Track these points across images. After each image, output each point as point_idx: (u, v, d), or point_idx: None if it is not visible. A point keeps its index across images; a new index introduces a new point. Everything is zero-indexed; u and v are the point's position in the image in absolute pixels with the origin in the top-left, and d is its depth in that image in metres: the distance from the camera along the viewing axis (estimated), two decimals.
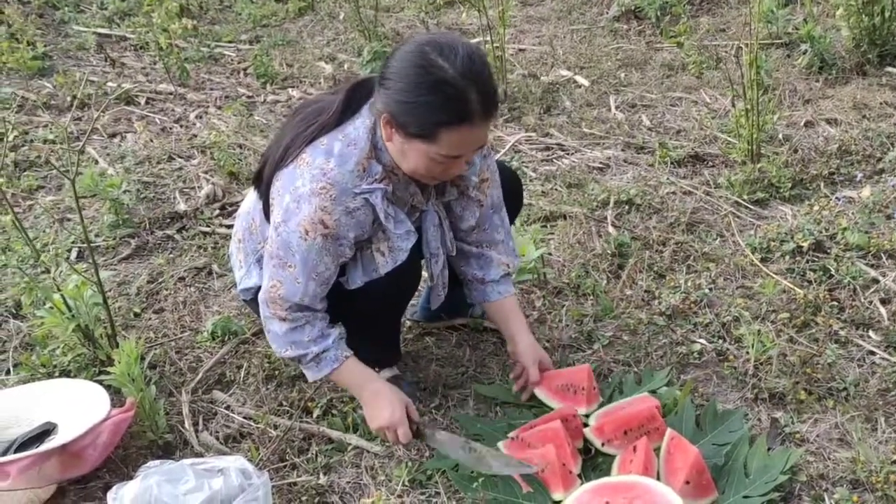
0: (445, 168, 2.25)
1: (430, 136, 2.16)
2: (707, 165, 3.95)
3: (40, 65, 5.12)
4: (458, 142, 2.18)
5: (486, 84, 2.17)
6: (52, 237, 3.52)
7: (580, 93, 4.72)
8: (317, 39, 5.61)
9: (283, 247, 2.27)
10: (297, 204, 2.23)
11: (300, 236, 2.24)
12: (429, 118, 2.14)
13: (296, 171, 2.26)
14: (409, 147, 2.21)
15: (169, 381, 2.81)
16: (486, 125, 2.20)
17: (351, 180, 2.23)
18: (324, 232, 2.24)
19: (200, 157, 4.18)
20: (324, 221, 2.23)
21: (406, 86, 2.15)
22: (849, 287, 3.05)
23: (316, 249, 2.26)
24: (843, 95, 4.43)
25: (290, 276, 2.29)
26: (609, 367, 2.78)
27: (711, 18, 5.47)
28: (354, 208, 2.25)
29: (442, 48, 2.14)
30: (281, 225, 2.26)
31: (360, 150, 2.25)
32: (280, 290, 2.31)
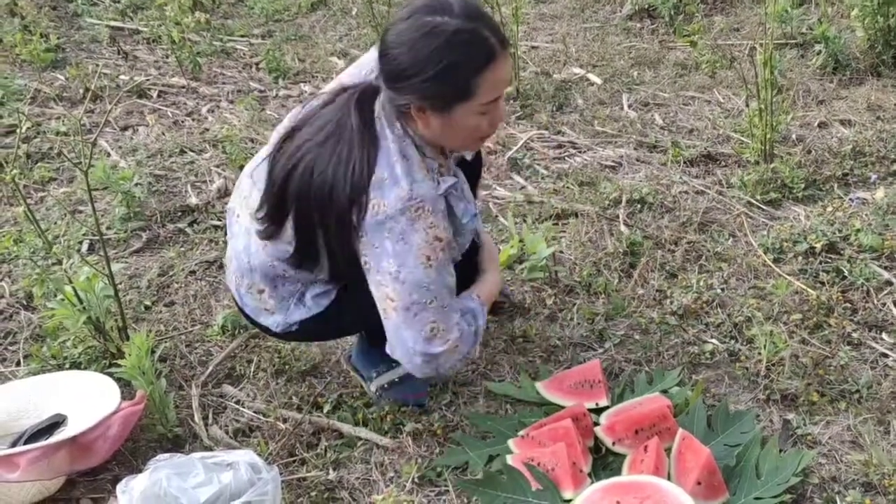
0: (490, 119, 2.24)
1: (469, 92, 2.15)
2: (720, 165, 3.94)
3: (53, 57, 5.12)
4: (493, 82, 2.16)
5: (490, 18, 2.20)
6: (63, 229, 3.52)
7: (593, 91, 4.70)
8: (329, 34, 5.60)
9: (414, 290, 2.22)
10: (405, 242, 2.18)
11: (425, 266, 2.20)
12: (461, 75, 2.13)
13: (377, 220, 2.18)
14: (451, 119, 2.19)
15: (179, 375, 2.81)
16: (507, 57, 2.19)
17: (430, 187, 2.21)
18: (442, 246, 2.23)
19: (212, 151, 4.17)
20: (438, 237, 2.21)
21: (423, 61, 2.11)
22: (862, 289, 3.03)
23: (442, 266, 2.24)
24: (858, 96, 4.41)
25: (436, 309, 2.25)
26: (620, 367, 2.77)
27: (725, 18, 5.44)
28: (444, 209, 2.25)
29: (432, 7, 2.13)
30: (400, 271, 2.20)
31: (412, 158, 2.22)
32: (440, 326, 2.26)
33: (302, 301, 2.46)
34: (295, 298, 2.47)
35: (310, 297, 2.45)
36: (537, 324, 2.97)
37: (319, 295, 2.44)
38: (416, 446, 2.49)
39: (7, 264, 3.37)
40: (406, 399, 2.62)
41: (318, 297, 2.44)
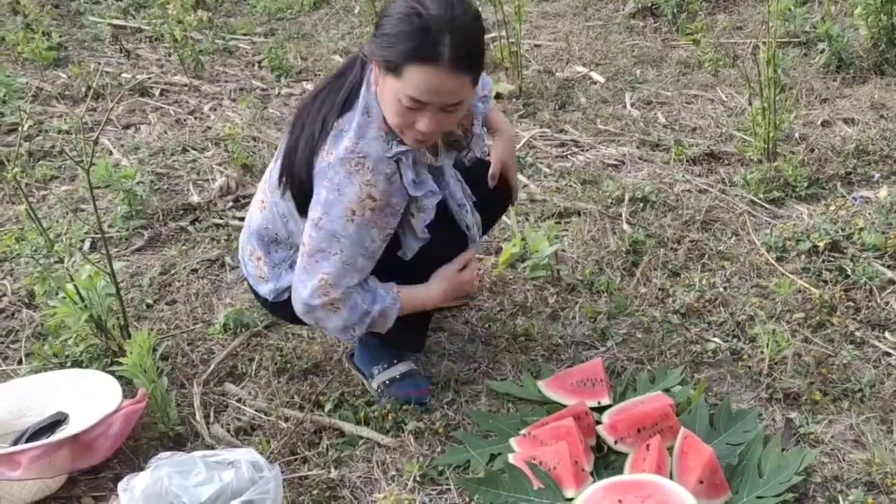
0: (414, 117, 2.19)
1: (397, 70, 2.13)
2: (723, 164, 3.93)
3: (55, 55, 5.12)
4: (422, 82, 2.12)
5: (465, 36, 2.13)
6: (65, 227, 3.52)
7: (595, 89, 4.70)
8: (332, 33, 5.60)
9: (325, 239, 2.27)
10: (338, 192, 2.24)
11: (347, 219, 2.24)
12: (398, 47, 2.12)
13: (324, 166, 2.26)
14: (385, 86, 2.19)
15: (181, 373, 2.81)
16: (456, 78, 2.13)
17: (380, 146, 2.25)
18: (372, 206, 2.24)
19: (214, 150, 4.17)
20: (371, 195, 2.23)
21: (387, 19, 2.17)
22: (865, 287, 3.02)
23: (364, 226, 2.26)
24: (861, 95, 4.40)
25: (336, 261, 2.29)
26: (623, 365, 2.77)
27: (728, 16, 5.43)
28: (391, 173, 2.26)
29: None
30: (322, 218, 2.26)
31: (374, 116, 2.27)
32: (330, 279, 2.30)
33: (293, 268, 2.47)
34: (286, 265, 2.51)
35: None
36: (539, 322, 2.96)
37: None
38: (418, 445, 2.48)
39: (9, 262, 3.36)
40: (408, 396, 2.62)
41: None
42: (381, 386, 2.64)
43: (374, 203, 2.23)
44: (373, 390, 2.66)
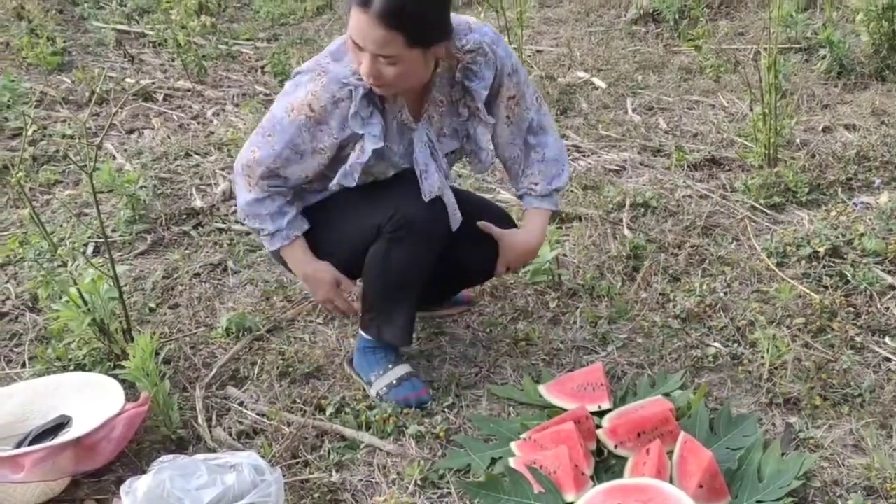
0: (360, 58, 2.32)
1: (348, 12, 2.30)
2: (724, 169, 3.94)
3: (59, 60, 5.15)
4: (355, 26, 2.28)
5: None
6: (69, 231, 3.53)
7: (597, 95, 4.71)
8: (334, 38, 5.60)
9: (270, 119, 2.50)
10: (294, 87, 2.45)
11: (286, 111, 2.45)
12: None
13: (300, 72, 2.48)
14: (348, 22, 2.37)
15: (183, 377, 2.82)
16: (381, 29, 2.24)
17: (342, 71, 2.39)
18: (308, 114, 2.42)
19: (217, 154, 4.19)
20: (310, 105, 2.41)
21: None
22: (865, 293, 3.03)
23: (297, 125, 2.44)
24: (862, 101, 4.42)
25: (268, 142, 2.49)
26: (623, 370, 2.78)
27: (730, 22, 5.45)
28: (340, 98, 2.40)
29: None
30: (275, 103, 2.51)
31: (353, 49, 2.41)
32: (257, 153, 2.51)
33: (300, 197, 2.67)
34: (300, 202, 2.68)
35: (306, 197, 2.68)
36: (540, 327, 2.97)
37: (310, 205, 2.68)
38: (419, 449, 2.49)
39: (12, 266, 3.38)
40: (408, 400, 2.63)
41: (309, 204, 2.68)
42: (379, 392, 2.65)
43: (311, 113, 2.41)
44: (373, 396, 2.67)
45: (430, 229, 2.54)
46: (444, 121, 2.59)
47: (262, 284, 3.24)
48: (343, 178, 2.51)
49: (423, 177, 2.53)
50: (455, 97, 2.56)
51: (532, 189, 2.73)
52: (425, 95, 2.53)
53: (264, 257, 3.40)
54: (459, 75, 2.51)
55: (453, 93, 2.56)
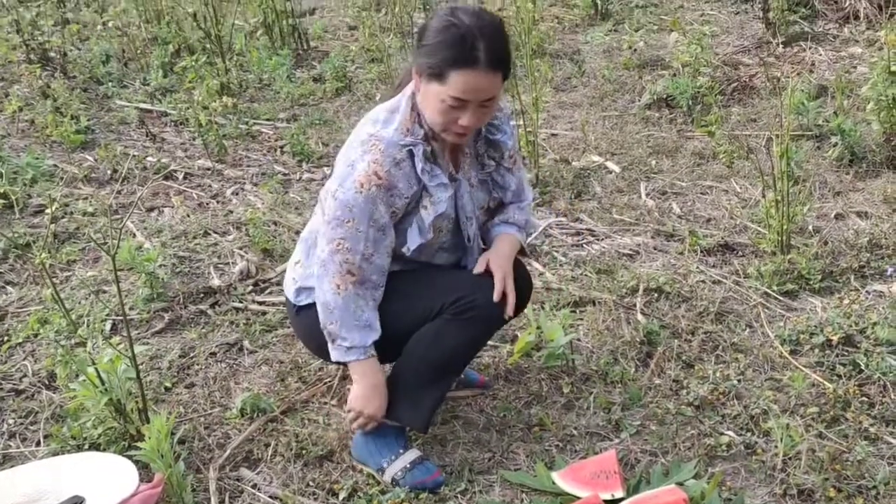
0: (456, 115, 2.45)
1: (442, 76, 2.41)
2: (737, 255, 3.97)
3: (83, 138, 5.24)
4: (464, 84, 2.40)
5: (496, 40, 2.43)
6: (87, 309, 3.57)
7: (611, 179, 4.77)
8: (353, 119, 5.70)
9: (340, 207, 2.49)
10: (351, 167, 2.49)
11: (356, 191, 2.47)
12: (440, 56, 2.40)
13: (348, 146, 2.55)
14: (427, 90, 2.46)
15: (197, 457, 2.83)
16: (492, 77, 2.43)
17: (396, 136, 2.49)
18: (377, 182, 2.46)
19: (235, 233, 4.24)
20: (377, 173, 2.45)
21: (428, 32, 2.46)
22: (879, 383, 3.03)
23: (371, 198, 2.47)
24: (874, 189, 4.45)
25: (350, 228, 2.50)
26: (636, 457, 2.78)
27: (742, 109, 5.52)
28: (401, 159, 2.49)
29: (465, 9, 2.46)
30: (338, 190, 2.50)
31: (401, 114, 2.53)
32: (346, 244, 2.51)
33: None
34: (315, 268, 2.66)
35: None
36: (554, 412, 2.98)
37: None
38: None
39: (31, 343, 3.41)
40: (424, 483, 2.63)
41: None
42: (395, 477, 2.66)
43: (379, 181, 2.45)
44: (386, 483, 2.67)
45: (492, 315, 2.63)
46: (471, 173, 2.70)
47: (278, 365, 3.26)
48: (420, 235, 2.58)
49: (469, 223, 2.67)
50: (480, 150, 2.70)
51: (507, 221, 2.81)
52: (461, 148, 2.65)
53: (280, 337, 3.43)
54: (484, 129, 2.67)
55: (478, 146, 2.70)
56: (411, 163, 2.50)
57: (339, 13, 7.57)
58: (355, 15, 7.26)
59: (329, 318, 2.56)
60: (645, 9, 7.15)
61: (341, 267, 2.52)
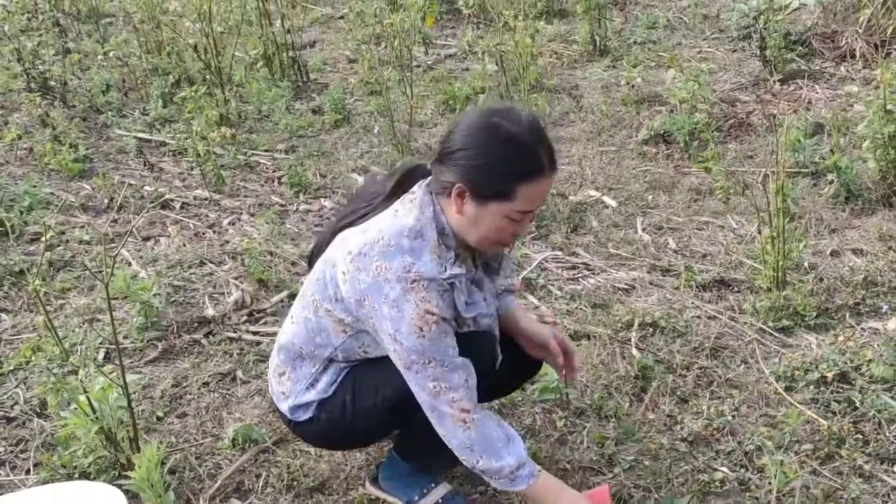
0: (516, 227, 2.33)
1: (508, 193, 2.26)
2: (732, 291, 3.97)
3: (81, 167, 5.25)
4: (534, 195, 2.29)
5: (549, 140, 2.32)
6: (80, 337, 3.56)
7: (607, 213, 4.77)
8: (351, 151, 5.72)
9: (412, 352, 2.30)
10: (398, 309, 2.27)
11: (418, 336, 2.28)
12: (506, 174, 2.26)
13: (378, 281, 2.29)
14: (484, 212, 2.29)
15: (187, 488, 2.81)
16: (551, 180, 2.33)
17: (434, 268, 2.30)
18: (435, 320, 2.28)
19: (231, 263, 4.24)
20: (429, 311, 2.27)
21: (477, 150, 2.28)
22: (874, 420, 3.02)
23: (436, 337, 2.29)
24: (870, 226, 4.46)
25: (436, 367, 2.31)
26: (629, 492, 2.76)
27: (739, 145, 5.54)
28: (444, 291, 2.31)
29: (503, 112, 2.31)
30: (396, 333, 2.29)
31: (428, 240, 2.32)
32: (441, 384, 2.32)
33: (314, 386, 2.53)
34: (307, 382, 2.54)
35: (323, 381, 2.52)
36: (547, 446, 2.96)
37: (333, 382, 2.52)
38: None
39: (23, 371, 3.40)
40: None
41: (330, 384, 2.52)
42: None
43: (433, 317, 2.27)
44: None
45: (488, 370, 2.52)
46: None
47: (271, 395, 3.24)
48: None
49: (495, 322, 2.56)
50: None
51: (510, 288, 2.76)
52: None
53: None
54: None
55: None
56: (452, 294, 2.34)
57: (338, 46, 7.59)
58: (355, 48, 7.29)
59: (472, 458, 2.37)
60: (643, 45, 7.18)
61: (452, 407, 2.33)
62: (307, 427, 2.57)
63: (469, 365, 2.36)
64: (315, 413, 2.53)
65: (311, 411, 2.54)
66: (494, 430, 2.37)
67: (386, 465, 2.74)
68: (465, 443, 2.35)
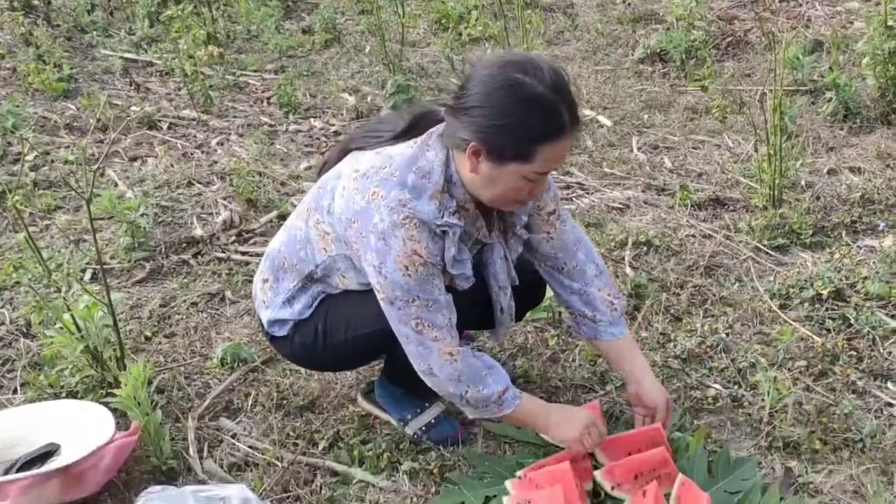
0: (533, 188, 2.23)
1: (528, 155, 2.14)
2: (728, 209, 3.92)
3: (65, 87, 5.16)
4: (554, 156, 2.17)
5: (571, 97, 2.17)
6: (66, 257, 3.52)
7: (602, 133, 4.71)
8: (341, 71, 5.63)
9: (397, 288, 2.22)
10: (385, 241, 2.19)
11: (403, 273, 2.20)
12: (527, 136, 2.13)
13: (370, 207, 2.20)
14: (501, 172, 2.18)
15: (176, 407, 2.79)
16: (573, 137, 2.20)
17: (431, 213, 2.20)
18: (421, 262, 2.20)
19: (219, 184, 4.18)
20: (417, 252, 2.19)
21: (495, 109, 2.13)
22: (868, 337, 3.00)
23: (423, 278, 2.22)
24: (867, 144, 4.40)
25: (420, 307, 2.24)
26: (621, 409, 2.74)
27: (736, 63, 5.45)
28: (437, 236, 2.23)
29: (524, 67, 2.13)
30: (381, 267, 2.21)
31: (433, 183, 2.22)
32: (424, 322, 2.25)
33: (290, 304, 2.48)
34: (285, 296, 2.49)
35: (300, 302, 2.47)
36: (539, 364, 2.94)
37: (309, 306, 2.47)
38: (412, 485, 2.46)
39: (9, 291, 3.36)
40: (445, 438, 2.61)
41: (307, 307, 2.47)
42: (417, 432, 2.62)
43: (419, 259, 2.19)
44: (409, 435, 2.63)
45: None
46: (507, 231, 2.47)
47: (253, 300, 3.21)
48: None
49: (503, 293, 2.47)
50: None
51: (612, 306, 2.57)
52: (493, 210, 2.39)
53: None
54: None
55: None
56: (443, 242, 2.24)
57: None
58: None
59: (460, 388, 2.31)
60: None
61: (438, 345, 2.27)
62: (282, 343, 2.54)
63: (451, 303, 2.30)
64: (290, 332, 2.49)
65: (286, 329, 2.50)
66: (475, 361, 2.33)
67: (379, 383, 2.71)
68: (452, 375, 2.29)
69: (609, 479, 2.37)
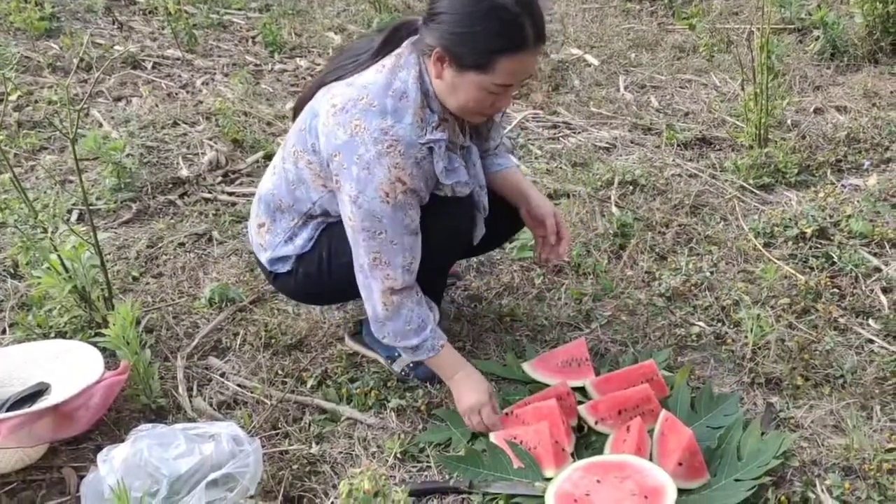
0: (495, 100, 2.25)
1: (486, 66, 2.16)
2: (714, 149, 3.93)
3: (47, 26, 5.09)
4: (513, 70, 2.17)
5: (538, 12, 2.18)
6: (52, 198, 3.50)
7: (589, 72, 4.69)
8: (327, 10, 5.57)
9: (367, 217, 2.25)
10: (368, 170, 2.21)
11: (381, 200, 2.22)
12: (485, 46, 2.14)
13: (354, 140, 2.22)
14: (462, 80, 2.20)
15: (165, 346, 2.81)
16: (536, 54, 2.21)
17: (413, 132, 2.22)
18: (403, 189, 2.22)
19: (205, 124, 4.16)
20: (400, 178, 2.21)
21: (459, 16, 2.15)
22: (850, 275, 3.03)
23: (400, 206, 2.24)
24: (854, 83, 4.40)
25: (384, 241, 2.28)
26: (606, 347, 2.77)
27: (724, 1, 5.42)
28: (421, 158, 2.24)
29: None
30: (359, 197, 2.23)
31: (412, 101, 2.24)
32: (382, 258, 2.30)
33: (292, 240, 2.50)
34: (286, 235, 2.51)
35: (301, 237, 2.49)
36: (525, 303, 2.96)
37: (311, 238, 2.49)
38: (400, 422, 2.49)
39: None
40: (432, 376, 2.62)
41: (308, 240, 2.49)
42: (405, 369, 2.65)
43: (403, 186, 2.21)
44: (396, 372, 2.66)
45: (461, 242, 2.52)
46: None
47: (247, 255, 3.22)
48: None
49: (482, 192, 2.49)
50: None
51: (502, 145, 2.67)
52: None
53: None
54: None
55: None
56: (431, 160, 2.26)
57: None
58: None
59: (382, 332, 2.41)
60: None
61: (383, 283, 2.32)
62: (286, 279, 2.56)
63: (417, 249, 2.33)
64: (293, 266, 2.52)
65: (289, 264, 2.52)
66: (411, 312, 2.38)
67: (366, 323, 2.73)
68: (379, 316, 2.37)
69: (593, 415, 2.40)
